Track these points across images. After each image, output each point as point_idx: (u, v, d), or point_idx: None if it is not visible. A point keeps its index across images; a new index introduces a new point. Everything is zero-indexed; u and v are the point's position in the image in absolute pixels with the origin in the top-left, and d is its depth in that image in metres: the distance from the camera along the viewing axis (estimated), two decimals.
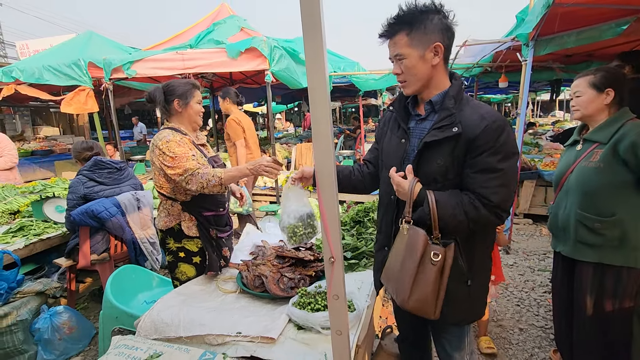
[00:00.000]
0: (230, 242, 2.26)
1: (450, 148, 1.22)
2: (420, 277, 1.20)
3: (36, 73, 4.91)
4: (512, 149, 1.20)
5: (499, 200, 1.18)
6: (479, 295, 1.37)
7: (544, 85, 9.39)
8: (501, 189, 1.18)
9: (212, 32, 4.82)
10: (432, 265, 1.19)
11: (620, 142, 1.65)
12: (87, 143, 2.84)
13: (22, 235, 2.81)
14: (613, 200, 1.70)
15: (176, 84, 2.01)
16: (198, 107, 2.04)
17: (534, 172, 4.63)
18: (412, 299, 1.21)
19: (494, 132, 1.16)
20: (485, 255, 1.36)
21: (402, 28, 1.21)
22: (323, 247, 1.02)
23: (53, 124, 14.95)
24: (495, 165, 1.17)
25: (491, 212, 1.19)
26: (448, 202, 1.22)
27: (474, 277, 1.31)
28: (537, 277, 3.26)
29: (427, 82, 1.27)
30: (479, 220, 1.20)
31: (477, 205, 1.19)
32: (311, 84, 0.93)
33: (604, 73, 1.76)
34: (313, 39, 0.88)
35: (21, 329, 2.26)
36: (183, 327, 1.69)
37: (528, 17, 3.23)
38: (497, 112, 1.24)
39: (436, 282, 1.19)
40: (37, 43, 12.48)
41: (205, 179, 1.85)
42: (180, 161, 1.86)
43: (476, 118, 1.19)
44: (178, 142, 1.90)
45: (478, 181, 1.20)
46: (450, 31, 1.24)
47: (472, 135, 1.18)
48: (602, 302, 1.76)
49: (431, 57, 1.22)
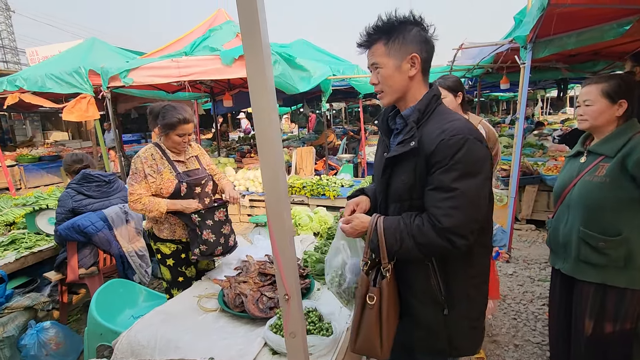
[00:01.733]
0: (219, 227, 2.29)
1: (412, 164, 1.17)
2: (363, 321, 1.20)
3: (39, 81, 4.97)
4: (474, 168, 1.10)
5: (449, 224, 1.08)
6: (460, 328, 1.25)
7: (551, 83, 9.18)
8: (454, 212, 1.08)
9: (208, 38, 4.80)
10: (369, 309, 1.18)
11: (629, 157, 1.53)
12: (76, 156, 2.83)
13: (14, 249, 2.83)
14: (619, 218, 1.59)
15: (166, 114, 2.15)
16: (177, 139, 2.18)
17: (536, 177, 4.50)
18: (358, 342, 1.22)
19: (449, 147, 1.09)
20: (468, 285, 1.24)
21: (380, 37, 1.20)
22: (277, 283, 0.97)
23: (62, 128, 15.23)
24: (449, 184, 1.09)
25: (441, 237, 1.09)
26: (393, 226, 1.16)
27: (453, 307, 1.23)
28: (537, 288, 3.15)
29: (404, 94, 1.24)
30: (428, 245, 1.11)
31: (426, 228, 1.11)
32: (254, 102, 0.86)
33: (618, 82, 1.60)
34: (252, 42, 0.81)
35: (8, 345, 2.26)
36: (159, 349, 1.67)
37: (525, 19, 3.13)
38: (467, 126, 1.14)
39: (377, 323, 1.18)
40: (46, 49, 12.72)
41: (147, 208, 2.12)
42: (134, 179, 2.13)
43: (436, 132, 1.13)
44: (142, 160, 2.15)
45: (431, 200, 1.13)
46: (429, 44, 1.21)
47: (429, 150, 1.12)
48: (602, 323, 1.67)
49: (408, 68, 1.19)
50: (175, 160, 2.24)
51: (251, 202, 5.57)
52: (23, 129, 13.68)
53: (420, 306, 1.27)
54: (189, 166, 2.30)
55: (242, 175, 5.93)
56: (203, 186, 2.33)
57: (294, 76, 4.66)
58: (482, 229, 1.18)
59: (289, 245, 0.92)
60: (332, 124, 14.64)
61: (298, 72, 4.87)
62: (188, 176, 2.25)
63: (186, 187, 2.22)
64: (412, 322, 1.31)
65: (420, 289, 1.25)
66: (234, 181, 5.84)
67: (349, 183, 5.48)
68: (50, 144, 12.13)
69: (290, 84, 4.55)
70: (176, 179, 2.19)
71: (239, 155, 7.69)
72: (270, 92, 0.85)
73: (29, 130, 13.75)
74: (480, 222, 1.14)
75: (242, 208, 5.61)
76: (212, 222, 2.25)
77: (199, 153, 2.43)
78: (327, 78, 5.59)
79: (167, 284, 2.36)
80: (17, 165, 8.82)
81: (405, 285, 1.28)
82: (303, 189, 5.19)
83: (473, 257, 1.22)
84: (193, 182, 2.26)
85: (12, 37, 26.00)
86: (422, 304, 1.26)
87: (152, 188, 2.16)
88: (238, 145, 9.54)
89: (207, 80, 6.36)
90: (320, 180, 5.44)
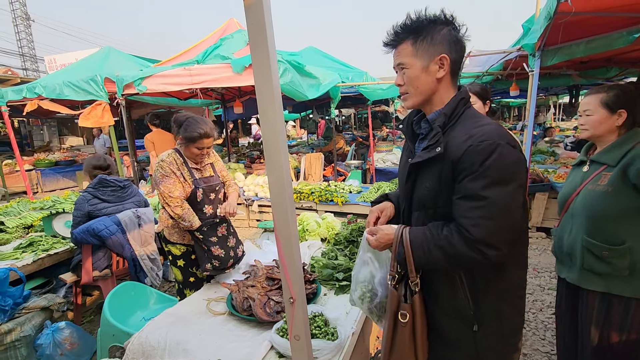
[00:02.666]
0: (224, 240, 2.36)
1: (437, 171, 1.12)
2: (396, 340, 1.15)
3: (57, 89, 5.14)
4: (505, 175, 1.03)
5: (480, 235, 1.01)
6: (491, 347, 1.17)
7: (562, 89, 9.07)
8: (484, 222, 1.02)
9: (219, 47, 4.92)
10: (402, 327, 1.13)
11: (630, 166, 1.54)
12: (104, 160, 2.88)
13: (32, 251, 2.92)
14: (622, 227, 1.58)
15: (188, 127, 2.23)
16: (195, 152, 2.28)
17: (546, 185, 4.45)
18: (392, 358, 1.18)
19: (478, 154, 1.02)
20: (499, 300, 1.15)
21: (408, 37, 1.14)
22: (283, 287, 1.01)
23: (78, 134, 15.63)
24: (478, 192, 1.03)
25: (471, 248, 1.03)
26: (420, 238, 1.11)
27: (483, 323, 1.15)
28: (547, 297, 3.11)
29: (430, 97, 1.18)
30: (458, 257, 1.05)
31: (455, 239, 1.05)
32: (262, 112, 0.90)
33: (617, 92, 1.63)
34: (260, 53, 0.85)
35: (24, 344, 2.34)
36: (168, 351, 1.71)
37: (533, 27, 3.13)
38: (497, 131, 1.07)
39: (411, 342, 1.13)
40: (64, 57, 13.14)
41: (184, 216, 2.22)
42: (169, 182, 2.22)
43: (463, 138, 1.07)
44: (169, 163, 2.25)
45: (460, 209, 1.07)
46: (460, 44, 1.15)
47: (456, 157, 1.06)
48: (608, 333, 1.65)
49: (436, 70, 1.13)
50: (192, 168, 2.35)
51: (260, 208, 5.63)
52: (40, 134, 14.10)
53: (447, 321, 1.20)
54: (204, 173, 2.41)
55: (252, 181, 6.00)
56: (217, 192, 2.44)
57: (303, 84, 4.73)
58: (515, 240, 1.12)
59: (294, 249, 0.96)
60: (342, 130, 14.69)
61: (307, 79, 4.93)
62: (204, 183, 2.36)
63: (202, 193, 2.33)
64: (439, 337, 1.24)
65: (448, 302, 1.18)
66: (243, 186, 5.92)
67: (357, 189, 5.50)
68: (66, 149, 12.47)
69: (300, 92, 4.62)
70: (193, 185, 2.30)
71: (248, 160, 7.79)
72: (277, 102, 0.90)
73: (46, 135, 14.16)
74: (513, 233, 1.08)
75: (251, 213, 5.68)
76: (217, 238, 2.32)
77: (214, 160, 2.54)
78: (336, 85, 5.65)
79: (179, 285, 2.45)
80: (34, 170, 9.09)
81: (431, 298, 1.21)
82: (311, 195, 5.23)
83: (505, 269, 1.14)
84: (208, 189, 2.37)
85: (31, 45, 26.91)
86: (450, 318, 1.19)
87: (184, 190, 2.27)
88: (248, 151, 9.65)
89: (218, 88, 6.48)
90: (328, 186, 5.48)
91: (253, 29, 0.84)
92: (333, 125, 7.21)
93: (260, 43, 0.84)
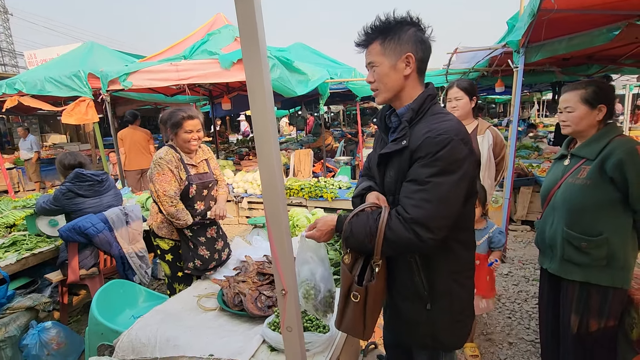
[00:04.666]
0: (212, 242, 2.40)
1: (399, 161, 1.22)
2: (347, 311, 1.25)
3: (38, 85, 4.99)
4: (452, 166, 1.11)
5: (417, 215, 1.09)
6: (443, 323, 1.29)
7: (546, 86, 9.27)
8: (424, 204, 1.09)
9: (207, 42, 4.86)
10: (354, 302, 1.22)
11: (608, 160, 1.60)
12: (74, 157, 2.84)
13: (15, 250, 2.85)
14: (600, 219, 1.65)
15: (172, 115, 2.28)
16: (186, 136, 2.28)
17: (531, 179, 4.56)
18: (342, 324, 1.30)
19: (433, 145, 1.11)
20: (450, 280, 1.27)
21: (377, 37, 1.23)
22: (275, 279, 1.01)
23: (60, 131, 15.25)
24: (425, 177, 1.11)
25: (407, 228, 1.10)
26: (361, 223, 1.20)
27: (435, 302, 1.27)
28: (531, 288, 3.20)
29: (398, 93, 1.27)
30: (396, 237, 1.12)
31: (393, 219, 1.13)
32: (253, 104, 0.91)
33: (595, 88, 1.68)
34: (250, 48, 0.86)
35: (9, 345, 2.29)
36: (159, 348, 1.70)
37: (517, 24, 3.20)
38: (455, 127, 1.16)
39: (361, 315, 1.23)
40: (44, 52, 12.73)
41: (177, 215, 2.23)
42: (164, 180, 2.21)
43: (424, 130, 1.16)
44: (166, 160, 2.23)
45: (405, 191, 1.16)
46: (425, 45, 1.23)
47: (414, 146, 1.16)
48: (587, 320, 1.72)
49: (403, 68, 1.22)
50: (188, 164, 2.34)
51: (250, 204, 5.61)
52: None
53: (404, 301, 1.32)
54: (199, 169, 2.41)
55: (241, 178, 5.97)
56: (210, 189, 2.44)
57: (292, 79, 4.71)
58: (456, 227, 1.20)
59: (286, 242, 0.97)
60: (330, 126, 14.69)
61: (296, 75, 4.92)
62: (199, 179, 2.35)
63: (195, 189, 2.32)
64: (398, 316, 1.36)
65: (405, 284, 1.30)
66: (232, 183, 5.88)
67: (346, 185, 5.53)
68: (49, 146, 12.15)
69: (288, 87, 4.61)
70: (187, 181, 2.29)
71: (237, 157, 7.74)
72: (268, 96, 0.90)
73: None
74: (450, 219, 1.15)
75: (241, 210, 5.65)
76: (205, 239, 2.35)
77: (209, 157, 2.53)
78: (325, 81, 5.65)
79: (168, 280, 2.45)
80: (15, 168, 8.84)
81: (390, 280, 1.32)
82: (301, 191, 5.24)
83: (453, 253, 1.26)
84: (201, 185, 2.36)
85: (10, 39, 26.04)
86: (407, 299, 1.31)
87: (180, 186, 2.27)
88: (237, 148, 9.58)
89: (206, 84, 6.41)
90: (318, 182, 5.49)
91: (243, 20, 0.84)
92: (322, 121, 7.21)
93: (250, 33, 0.84)
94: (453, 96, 2.35)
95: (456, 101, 2.33)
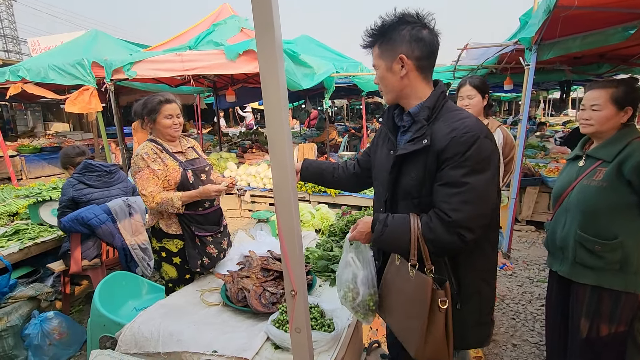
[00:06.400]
0: (218, 240, 2.31)
1: (422, 161, 1.19)
2: (432, 328, 1.14)
3: (42, 72, 4.96)
4: (482, 164, 1.12)
5: (459, 218, 1.10)
6: (471, 322, 1.28)
7: (553, 84, 9.16)
8: (464, 206, 1.10)
9: (212, 33, 4.80)
10: (440, 313, 1.13)
11: (626, 162, 1.55)
12: (78, 149, 2.84)
13: (17, 239, 2.84)
14: (615, 222, 1.61)
15: (146, 102, 2.14)
16: (166, 122, 2.13)
17: (537, 179, 4.51)
18: (427, 350, 1.16)
19: (461, 144, 1.11)
20: (478, 279, 1.27)
21: (375, 40, 1.24)
22: (284, 279, 0.99)
23: (64, 120, 15.22)
24: (459, 179, 1.11)
25: (450, 231, 1.11)
26: (399, 226, 1.18)
27: (464, 302, 1.26)
28: (536, 289, 3.17)
29: (401, 93, 1.27)
30: (437, 240, 1.13)
31: (434, 223, 1.13)
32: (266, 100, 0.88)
33: (627, 88, 1.60)
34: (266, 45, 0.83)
35: (11, 334, 2.29)
36: (162, 342, 1.69)
37: (531, 21, 3.12)
38: (477, 124, 1.16)
39: (444, 327, 1.16)
40: (48, 40, 12.65)
41: (162, 207, 2.06)
42: (141, 177, 2.07)
43: (446, 130, 1.15)
44: (143, 157, 2.08)
45: (440, 195, 1.15)
46: (423, 42, 1.19)
47: (440, 147, 1.15)
48: (597, 325, 1.69)
49: (399, 69, 1.21)
50: (175, 152, 2.21)
51: (253, 198, 5.59)
52: (24, 119, 13.67)
53: None
54: (188, 156, 2.27)
55: (244, 171, 5.94)
56: (207, 173, 2.30)
57: (297, 72, 4.66)
58: (489, 225, 1.20)
59: (297, 243, 0.94)
60: (335, 121, 14.62)
61: (301, 68, 4.86)
62: (191, 165, 2.22)
63: (192, 175, 2.18)
64: None
65: None
66: (235, 176, 5.86)
67: None
68: (52, 134, 12.13)
69: (294, 80, 4.55)
70: (180, 167, 2.15)
71: (240, 150, 7.69)
72: (283, 91, 0.87)
73: (30, 120, 13.74)
74: (488, 217, 1.16)
75: (244, 203, 5.63)
76: (212, 238, 2.26)
77: (194, 144, 2.41)
78: (331, 75, 5.58)
79: (171, 283, 2.28)
80: (18, 156, 8.83)
81: None
82: (304, 186, 5.20)
83: (482, 252, 1.25)
84: (198, 170, 2.23)
85: (13, 26, 25.91)
86: None
87: (161, 180, 2.10)
88: (239, 141, 9.53)
89: (211, 75, 6.35)
90: None
91: (259, 12, 0.80)
92: (326, 115, 7.15)
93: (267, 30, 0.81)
94: (465, 94, 2.29)
95: (468, 99, 2.28)
